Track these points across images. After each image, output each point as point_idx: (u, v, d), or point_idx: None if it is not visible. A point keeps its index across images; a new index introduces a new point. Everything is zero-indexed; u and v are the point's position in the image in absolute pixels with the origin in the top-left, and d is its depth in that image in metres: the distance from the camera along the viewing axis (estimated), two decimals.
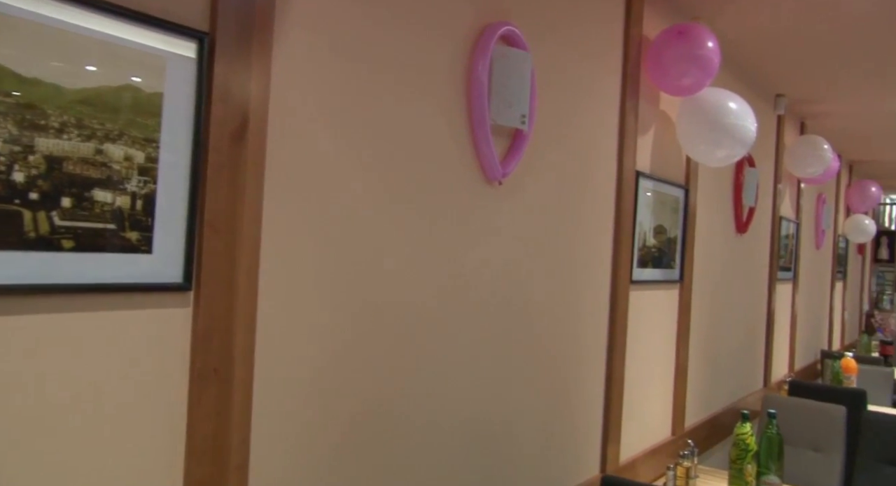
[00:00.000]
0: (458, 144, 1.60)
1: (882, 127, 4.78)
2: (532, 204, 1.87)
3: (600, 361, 2.25)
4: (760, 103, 3.72)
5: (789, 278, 4.49)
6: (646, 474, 2.54)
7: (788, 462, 2.88)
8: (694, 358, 2.99)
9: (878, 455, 2.81)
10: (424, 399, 1.53)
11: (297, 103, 1.23)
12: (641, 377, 2.55)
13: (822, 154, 4.04)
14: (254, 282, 1.15)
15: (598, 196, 2.19)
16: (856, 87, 3.75)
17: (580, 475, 2.15)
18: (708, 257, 3.10)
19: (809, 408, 3.01)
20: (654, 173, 2.54)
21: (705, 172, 3.01)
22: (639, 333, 2.50)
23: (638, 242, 2.40)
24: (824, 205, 5.28)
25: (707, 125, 2.42)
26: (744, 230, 3.49)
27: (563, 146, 2.00)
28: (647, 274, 2.49)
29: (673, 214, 2.68)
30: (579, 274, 2.10)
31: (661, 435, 2.74)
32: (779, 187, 4.11)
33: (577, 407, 2.13)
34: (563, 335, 2.04)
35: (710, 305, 3.16)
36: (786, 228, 4.30)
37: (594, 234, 2.18)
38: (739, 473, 2.31)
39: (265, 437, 1.18)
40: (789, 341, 4.63)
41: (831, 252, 5.84)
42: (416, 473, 1.51)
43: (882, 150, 5.72)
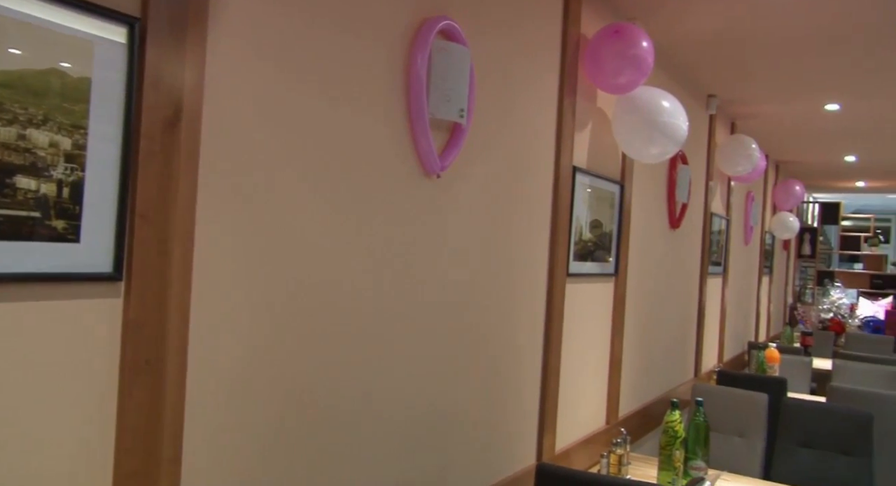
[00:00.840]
0: (397, 136, 1.61)
1: (806, 129, 5.02)
2: (471, 197, 1.89)
3: (537, 353, 2.30)
4: (693, 103, 3.86)
5: (719, 272, 4.67)
6: (581, 462, 2.61)
7: (715, 447, 3.00)
8: (628, 350, 3.08)
9: (796, 439, 2.96)
10: (362, 391, 1.54)
11: (233, 93, 1.21)
12: (577, 369, 2.61)
13: (751, 153, 4.22)
14: (187, 272, 1.14)
15: (535, 191, 2.24)
16: (782, 90, 3.92)
17: (517, 464, 2.20)
18: (642, 252, 3.20)
19: (735, 396, 3.15)
20: (591, 169, 2.60)
21: (640, 169, 3.10)
22: (575, 325, 2.56)
23: (574, 236, 2.46)
24: (753, 202, 5.50)
25: (641, 123, 2.50)
26: (677, 226, 3.61)
27: (502, 141, 2.04)
28: (583, 267, 2.55)
29: (609, 209, 2.75)
30: (517, 267, 2.14)
31: (595, 425, 2.82)
32: (710, 185, 4.26)
33: (514, 398, 2.17)
34: (501, 328, 2.08)
35: (644, 298, 3.26)
36: (716, 224, 4.47)
37: (532, 227, 2.22)
38: (668, 459, 2.40)
39: (199, 429, 1.17)
40: (719, 332, 4.81)
41: (759, 248, 6.09)
42: (353, 464, 1.52)
43: (806, 151, 6.00)
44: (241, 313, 1.25)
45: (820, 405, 3.07)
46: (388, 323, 1.61)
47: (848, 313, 7.95)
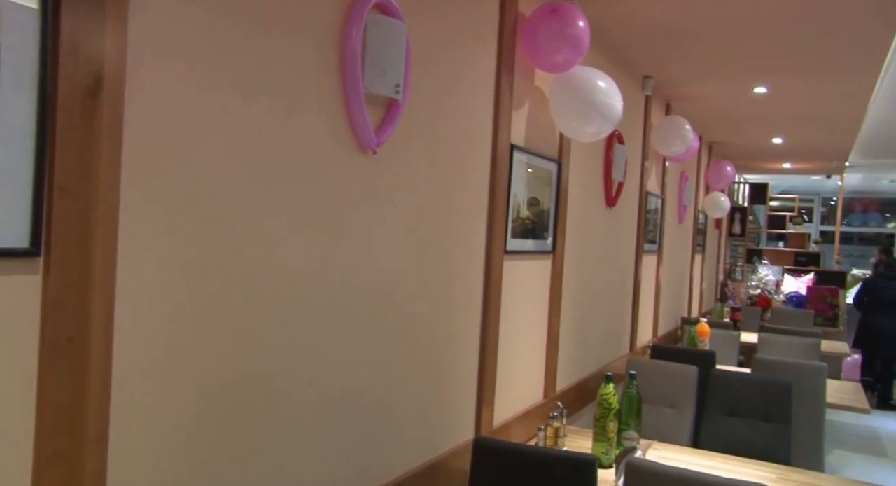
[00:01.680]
0: (331, 111, 1.59)
1: (737, 111, 5.18)
2: (408, 174, 1.89)
3: (475, 329, 2.32)
4: (629, 84, 3.93)
5: (654, 250, 4.81)
6: (519, 435, 2.67)
7: (647, 418, 3.11)
8: (565, 326, 3.15)
9: (722, 408, 3.10)
10: (294, 369, 1.53)
11: (159, 62, 1.17)
12: (515, 345, 2.66)
13: (685, 134, 4.33)
14: (112, 248, 1.11)
15: (473, 168, 2.25)
16: (715, 72, 4.03)
17: (455, 439, 2.23)
18: (580, 229, 3.26)
19: (667, 369, 3.26)
20: (529, 147, 2.63)
21: (577, 148, 3.15)
22: (513, 302, 2.60)
23: (512, 213, 2.49)
24: (686, 182, 5.67)
25: (577, 102, 2.53)
26: (613, 204, 3.70)
27: (439, 118, 2.03)
28: (521, 245, 2.59)
29: (546, 187, 2.79)
30: (455, 244, 2.15)
31: (533, 399, 2.88)
32: (646, 164, 4.36)
33: (452, 375, 2.19)
34: (439, 305, 2.09)
35: (581, 275, 3.33)
36: (652, 203, 4.59)
37: (469, 204, 2.24)
38: (603, 430, 2.47)
39: (126, 407, 1.15)
40: (654, 308, 4.97)
41: (692, 226, 6.29)
42: (286, 444, 1.51)
43: (737, 132, 6.20)
44: (169, 289, 1.22)
45: (744, 376, 3.22)
46: (322, 300, 1.60)
47: (774, 289, 8.31)
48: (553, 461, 1.84)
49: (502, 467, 1.91)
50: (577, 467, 1.80)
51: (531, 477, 1.87)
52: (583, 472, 1.79)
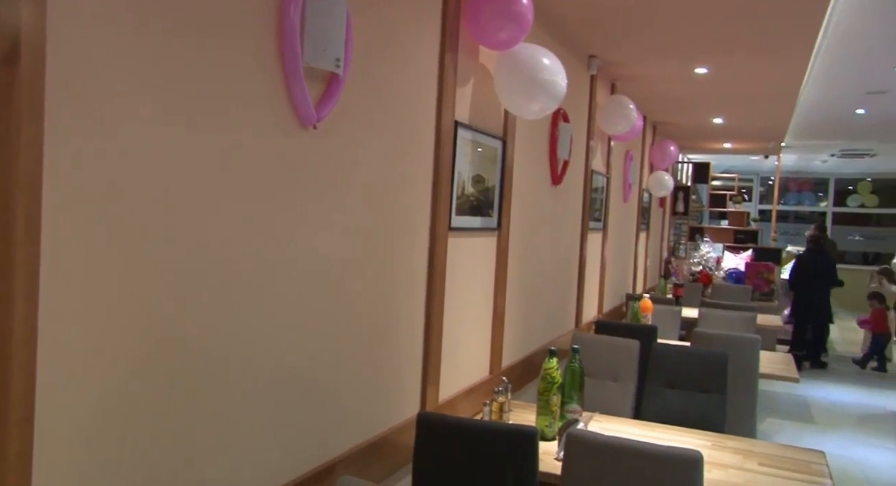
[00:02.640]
0: (269, 85, 1.55)
1: (680, 92, 5.29)
2: (350, 150, 1.87)
3: (419, 306, 2.33)
4: (575, 63, 3.96)
5: (600, 228, 4.89)
6: (465, 410, 2.70)
7: (591, 392, 3.18)
8: (511, 302, 3.18)
9: (662, 381, 3.19)
10: (235, 347, 1.51)
11: (82, 30, 1.12)
12: (461, 321, 2.68)
13: (629, 113, 4.40)
14: (35, 223, 1.06)
15: (417, 145, 2.24)
16: (658, 53, 4.10)
17: (400, 415, 2.24)
18: (525, 207, 3.29)
19: (610, 344, 3.34)
20: (474, 124, 2.63)
21: (522, 125, 3.17)
22: (458, 278, 2.61)
23: (457, 190, 2.49)
24: (631, 161, 5.76)
25: (522, 79, 2.54)
26: (558, 182, 3.74)
27: (382, 94, 2.01)
28: (465, 222, 2.59)
29: (491, 165, 2.80)
30: (398, 221, 2.15)
31: (479, 375, 2.91)
32: (591, 143, 4.42)
33: (397, 351, 2.20)
34: (382, 282, 2.09)
35: (526, 252, 3.37)
36: (597, 182, 4.66)
37: (413, 181, 2.23)
38: (546, 404, 2.52)
39: (54, 387, 1.11)
40: (599, 285, 5.07)
41: (637, 205, 6.41)
42: (226, 422, 1.49)
43: (679, 112, 6.33)
44: (97, 268, 1.18)
45: (683, 349, 3.32)
46: (261, 279, 1.58)
47: (715, 266, 8.58)
48: (494, 434, 1.87)
49: (445, 441, 1.93)
50: (518, 439, 1.83)
51: (474, 450, 1.89)
52: (523, 444, 1.82)
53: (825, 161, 11.59)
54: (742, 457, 2.43)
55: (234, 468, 1.52)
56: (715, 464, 2.35)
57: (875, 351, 7.30)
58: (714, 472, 2.27)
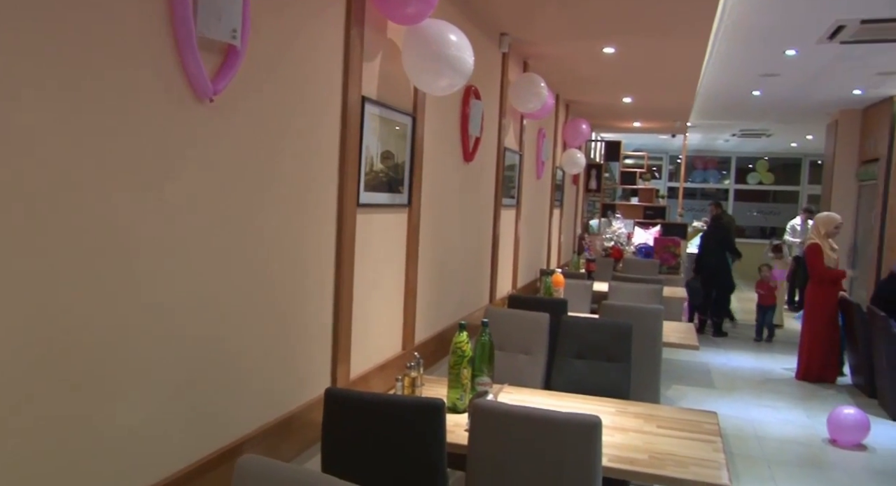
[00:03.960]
0: (161, 55, 1.49)
1: (590, 71, 5.41)
2: (251, 123, 1.82)
3: (329, 283, 2.31)
4: (486, 41, 3.98)
5: (513, 204, 4.97)
6: (378, 386, 2.71)
7: (504, 365, 3.26)
8: (423, 279, 3.20)
9: (571, 352, 3.30)
10: (132, 326, 1.45)
11: None
12: (372, 298, 2.68)
13: (540, 91, 4.47)
14: None
15: (322, 120, 2.20)
16: (567, 32, 4.17)
17: (310, 393, 2.23)
18: (436, 183, 3.30)
19: (521, 317, 3.42)
20: (382, 100, 2.61)
21: (433, 102, 3.17)
22: (368, 255, 2.61)
23: (365, 166, 2.48)
24: (544, 139, 5.87)
25: (429, 55, 2.53)
26: (470, 159, 3.77)
27: (284, 68, 1.97)
28: (375, 198, 2.58)
29: (401, 141, 2.79)
30: (303, 196, 2.11)
31: (391, 351, 2.93)
32: (503, 121, 4.47)
33: (305, 329, 2.18)
34: (289, 259, 2.06)
35: (438, 229, 3.39)
36: (510, 159, 4.72)
37: (319, 157, 2.20)
38: (457, 377, 2.57)
39: None
40: (513, 261, 5.16)
41: (550, 182, 6.55)
42: (125, 402, 1.45)
43: (590, 91, 6.48)
44: None
45: (590, 321, 3.44)
46: (159, 256, 1.53)
47: (626, 241, 8.90)
48: (402, 407, 1.89)
49: (354, 416, 1.94)
50: (425, 411, 1.86)
51: (382, 425, 1.91)
52: (431, 416, 1.85)
53: (727, 140, 12.18)
54: (643, 421, 2.55)
55: (124, 457, 1.47)
56: (617, 428, 2.46)
57: (764, 322, 7.78)
58: (616, 436, 2.38)
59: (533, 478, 1.86)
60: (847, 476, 4.10)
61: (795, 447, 4.47)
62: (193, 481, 1.64)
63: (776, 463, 4.17)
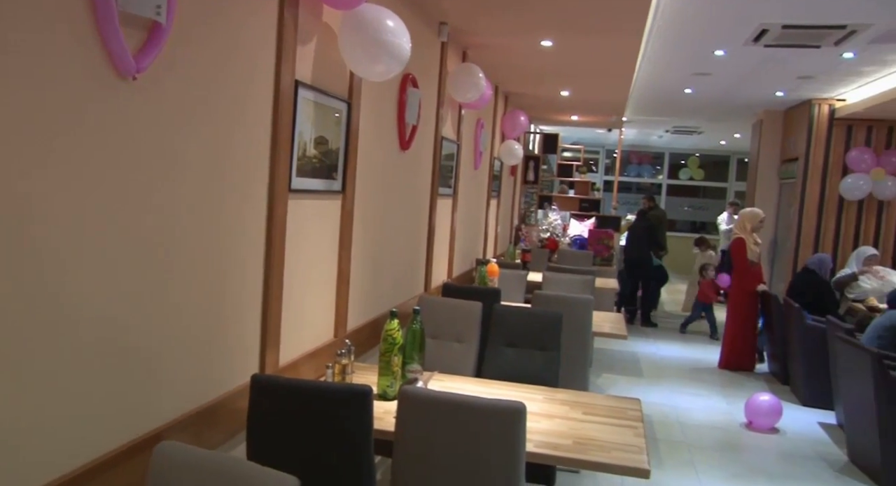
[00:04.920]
0: (79, 30, 1.43)
1: (529, 63, 5.47)
2: (177, 104, 1.77)
3: (258, 268, 2.28)
4: (425, 29, 3.97)
5: (450, 194, 4.99)
6: (308, 373, 2.69)
7: (436, 353, 3.29)
8: (357, 266, 3.19)
9: (502, 340, 3.35)
10: (50, 312, 1.40)
11: None
12: (304, 284, 2.65)
13: (478, 82, 4.49)
14: None
15: (254, 103, 2.16)
16: (506, 24, 4.20)
17: (237, 379, 2.19)
18: (371, 171, 3.29)
19: (453, 306, 3.45)
20: (317, 84, 2.58)
21: (369, 88, 3.14)
22: (300, 241, 2.58)
23: (298, 151, 2.44)
24: (482, 129, 5.91)
25: (365, 40, 2.51)
26: (407, 147, 3.76)
27: (214, 47, 1.92)
28: (307, 184, 2.55)
29: (335, 127, 2.77)
30: (232, 179, 2.07)
31: (323, 338, 2.91)
32: (441, 110, 4.47)
33: (233, 315, 2.14)
34: (217, 243, 2.02)
35: (373, 216, 3.37)
36: (447, 149, 4.74)
37: (250, 140, 2.15)
38: (388, 365, 2.57)
39: None
40: (449, 250, 5.19)
41: (488, 172, 6.60)
42: (42, 385, 1.39)
43: (529, 83, 6.56)
44: None
45: (522, 310, 3.50)
46: (76, 240, 1.47)
47: (561, 233, 9.06)
48: (330, 394, 1.89)
49: (280, 403, 1.92)
50: (353, 398, 1.86)
51: (309, 411, 1.90)
52: (358, 403, 1.85)
53: (661, 136, 12.52)
54: (569, 408, 2.62)
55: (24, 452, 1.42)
56: (544, 415, 2.52)
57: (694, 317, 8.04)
58: (543, 422, 2.43)
59: (458, 463, 1.89)
60: (760, 458, 4.32)
61: (715, 432, 4.67)
62: (108, 472, 1.60)
63: (697, 447, 4.35)
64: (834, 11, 4.31)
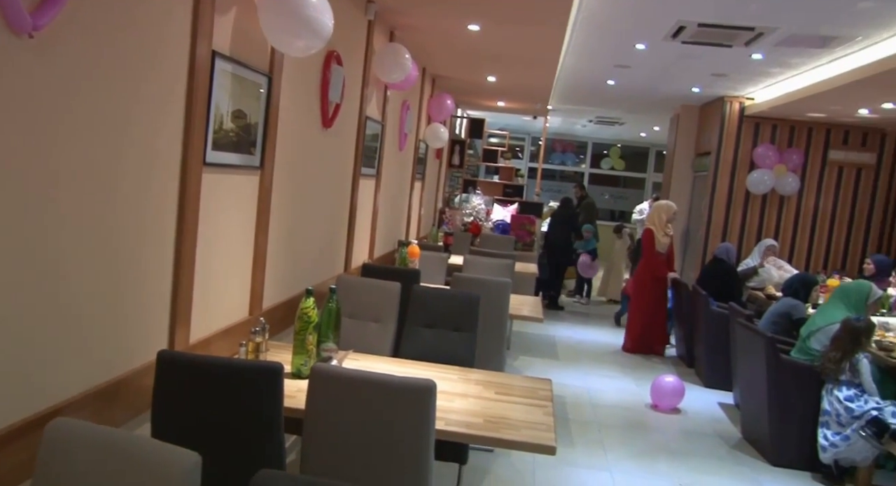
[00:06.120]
0: None
1: (456, 47, 5.48)
2: (79, 65, 1.69)
3: (168, 241, 2.21)
4: (351, 6, 3.91)
5: (373, 174, 4.96)
6: (221, 351, 2.64)
7: (354, 332, 3.28)
8: (274, 243, 3.13)
9: (420, 321, 3.38)
10: None
11: None
12: (218, 259, 2.59)
13: (404, 62, 4.46)
14: None
15: (166, 71, 2.08)
16: (437, 6, 4.19)
17: (144, 357, 2.13)
18: (292, 147, 3.23)
19: (372, 286, 3.44)
20: (235, 56, 2.50)
21: (292, 64, 3.08)
22: (215, 216, 2.51)
23: (214, 124, 2.37)
24: (408, 111, 5.89)
25: (286, 13, 2.46)
26: (329, 125, 3.71)
27: (123, 10, 1.84)
28: (223, 158, 2.49)
29: (255, 101, 2.70)
30: (140, 149, 2.00)
31: (238, 316, 2.85)
32: (366, 90, 4.43)
33: (139, 290, 2.07)
34: (122, 216, 1.94)
35: (293, 193, 3.32)
36: (372, 129, 4.70)
37: (161, 110, 2.08)
38: (302, 343, 2.55)
39: None
40: (371, 231, 5.17)
41: (413, 155, 6.59)
42: None
43: (456, 67, 6.57)
44: None
45: (440, 291, 3.53)
46: None
47: (484, 217, 9.17)
48: (239, 371, 1.86)
49: (188, 380, 1.88)
50: (263, 375, 1.84)
51: (217, 389, 1.87)
52: (268, 380, 1.84)
53: (584, 126, 12.81)
54: (483, 387, 2.67)
55: None
56: (458, 394, 2.56)
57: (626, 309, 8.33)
58: (456, 401, 2.48)
59: (369, 441, 1.91)
60: (663, 436, 4.54)
61: (623, 412, 4.87)
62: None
63: (606, 426, 4.52)
64: (744, 13, 4.51)
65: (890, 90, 5.60)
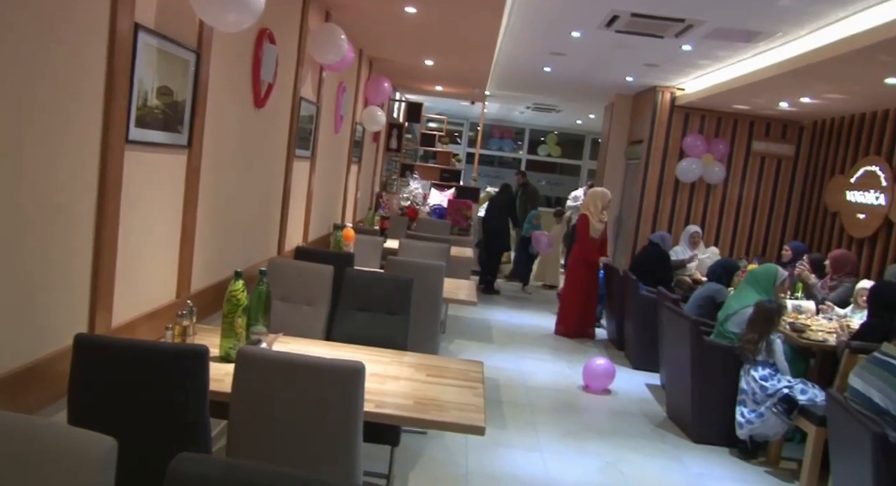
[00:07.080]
0: None
1: (393, 29, 5.43)
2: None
3: (88, 222, 2.12)
4: None
5: (308, 156, 4.88)
6: (146, 335, 2.56)
7: (286, 316, 3.24)
8: (203, 225, 3.05)
9: (353, 304, 3.36)
10: None
11: None
12: (142, 241, 2.51)
13: (340, 43, 4.40)
14: None
15: (83, 43, 1.99)
16: None
17: (61, 341, 2.04)
18: (222, 127, 3.14)
19: (304, 269, 3.41)
20: (161, 30, 2.41)
21: (222, 41, 2.99)
22: (139, 196, 2.43)
23: (137, 101, 2.29)
24: (344, 93, 5.81)
25: None
26: (262, 105, 3.63)
27: None
28: (147, 135, 2.40)
29: (182, 77, 2.61)
30: (56, 125, 1.91)
31: (164, 299, 2.78)
32: (301, 70, 4.34)
33: (54, 272, 1.99)
34: (38, 197, 1.86)
35: (222, 174, 3.24)
36: (306, 110, 4.62)
37: (78, 86, 1.99)
38: (231, 326, 2.51)
39: None
40: (305, 213, 5.09)
41: (349, 137, 6.52)
42: None
43: (394, 50, 6.52)
44: None
45: (373, 274, 3.52)
46: None
47: (421, 202, 9.17)
48: (162, 354, 1.82)
49: (107, 364, 1.82)
50: (187, 358, 1.80)
51: (140, 373, 1.82)
52: (192, 363, 1.80)
53: (522, 112, 12.93)
54: (414, 370, 2.69)
55: None
56: (390, 377, 2.57)
57: None
58: (388, 384, 2.49)
59: (296, 423, 1.89)
60: (593, 417, 4.67)
61: (555, 394, 4.99)
62: None
63: (538, 409, 4.62)
64: (675, 4, 4.63)
65: (807, 84, 5.86)
